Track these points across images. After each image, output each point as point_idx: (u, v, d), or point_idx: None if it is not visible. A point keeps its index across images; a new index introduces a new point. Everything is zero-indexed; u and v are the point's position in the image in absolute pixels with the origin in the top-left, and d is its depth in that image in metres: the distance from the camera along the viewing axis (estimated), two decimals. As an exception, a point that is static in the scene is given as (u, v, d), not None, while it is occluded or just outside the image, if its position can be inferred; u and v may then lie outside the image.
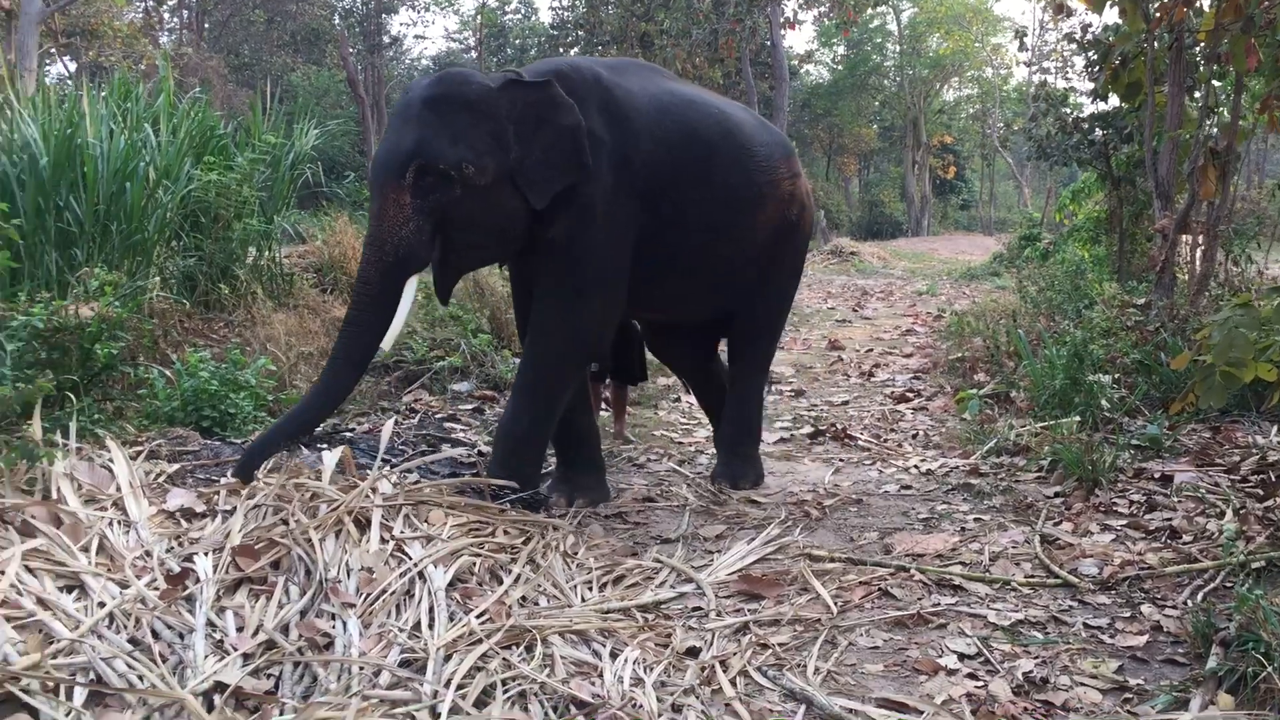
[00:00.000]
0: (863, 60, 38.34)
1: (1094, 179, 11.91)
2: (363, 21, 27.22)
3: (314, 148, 8.27)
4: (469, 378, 6.17)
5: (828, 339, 9.68)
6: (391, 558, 3.09)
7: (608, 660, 2.68)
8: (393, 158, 3.59)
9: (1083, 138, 11.01)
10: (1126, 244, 9.93)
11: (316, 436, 4.68)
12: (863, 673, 2.73)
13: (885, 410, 6.37)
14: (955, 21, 36.26)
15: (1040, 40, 30.86)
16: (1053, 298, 8.61)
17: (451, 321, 6.69)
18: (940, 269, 20.67)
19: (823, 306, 13.11)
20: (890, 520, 4.09)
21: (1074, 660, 2.74)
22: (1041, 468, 4.59)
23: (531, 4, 28.80)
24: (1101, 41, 9.24)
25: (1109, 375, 5.50)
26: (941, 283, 16.63)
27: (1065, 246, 12.72)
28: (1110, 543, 3.61)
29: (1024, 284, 9.79)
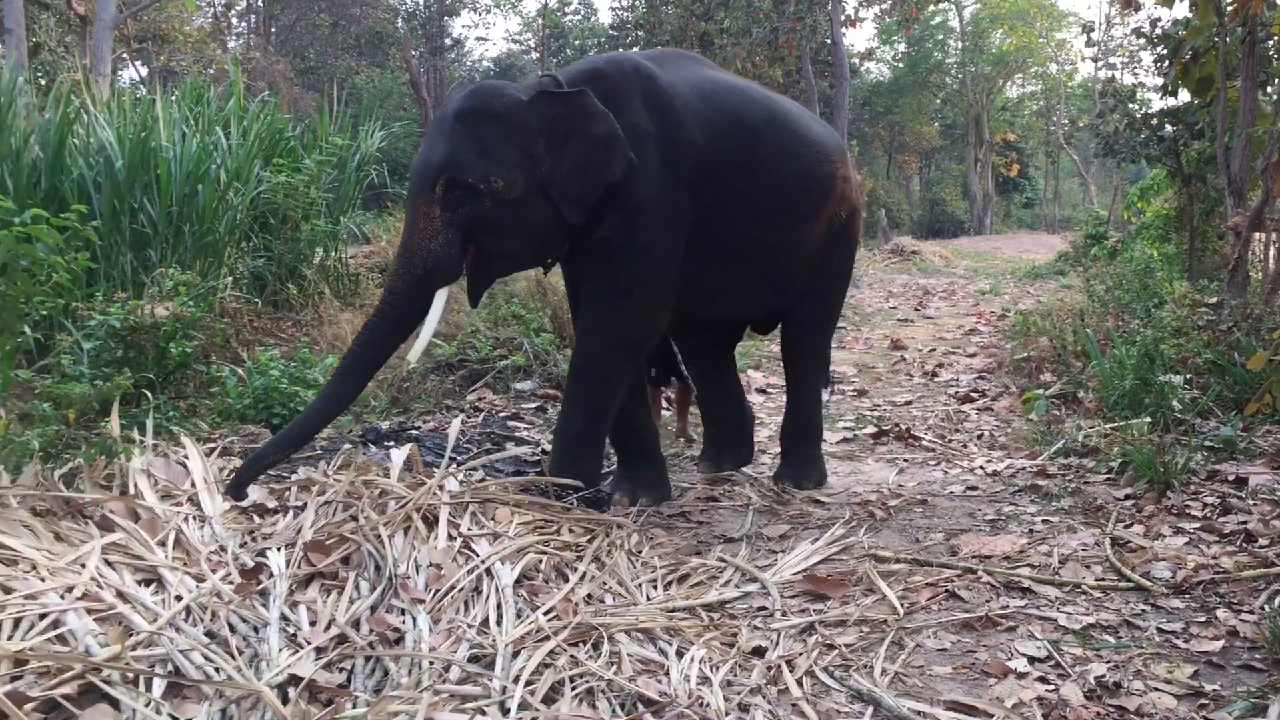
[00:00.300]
0: (924, 57, 37.99)
1: (1163, 176, 11.71)
2: (425, 24, 27.51)
3: (378, 149, 8.40)
4: (532, 376, 6.22)
5: (890, 338, 9.61)
6: (459, 554, 3.13)
7: (674, 659, 2.69)
8: (424, 171, 3.59)
9: (1151, 134, 10.84)
10: (1197, 242, 9.76)
11: (383, 435, 4.76)
12: (930, 675, 2.71)
13: (949, 410, 6.31)
14: (1019, 17, 35.83)
15: (1107, 35, 30.36)
16: (1121, 297, 8.48)
17: (514, 321, 6.75)
18: (1003, 268, 20.44)
19: (884, 306, 13.02)
20: (956, 521, 4.05)
21: (1147, 665, 2.70)
22: (1111, 469, 4.52)
23: (591, 5, 28.90)
24: (1171, 36, 9.09)
25: (1180, 376, 5.40)
26: (1005, 282, 16.44)
27: (1133, 244, 12.52)
28: (1183, 546, 3.55)
29: (1091, 283, 9.66)
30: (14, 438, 3.28)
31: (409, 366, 6.05)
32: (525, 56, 31.44)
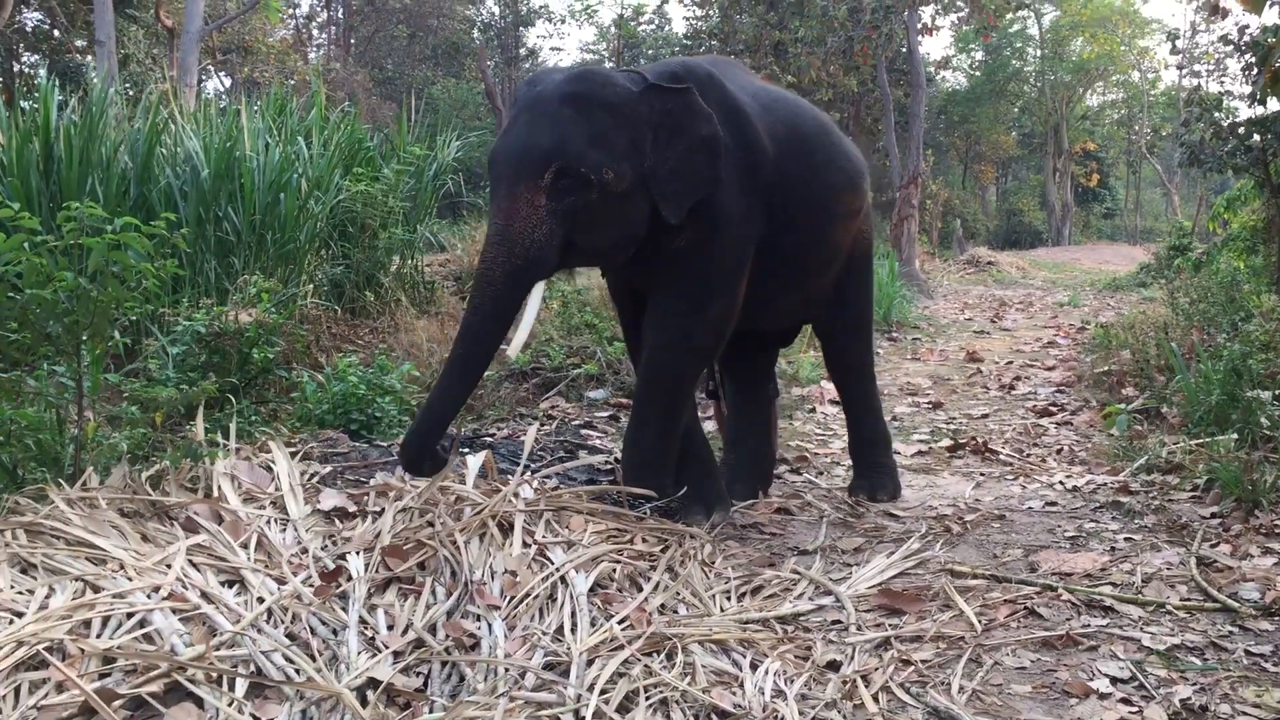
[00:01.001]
0: (1002, 65, 37.47)
1: (1250, 186, 11.40)
2: (500, 35, 27.78)
3: (455, 159, 8.50)
4: (604, 385, 6.24)
5: (965, 350, 9.49)
6: (534, 562, 3.15)
7: (748, 670, 2.68)
8: (529, 155, 3.41)
9: (1239, 143, 10.55)
10: (1287, 254, 9.48)
11: (459, 441, 4.80)
12: (1009, 693, 2.66)
13: (1027, 424, 6.22)
14: (1100, 24, 35.19)
15: (1192, 43, 29.71)
16: (1206, 310, 8.27)
17: (587, 329, 6.78)
18: (1083, 279, 20.09)
19: (959, 317, 12.86)
20: (1035, 537, 3.98)
21: (1235, 688, 2.62)
22: (1196, 487, 4.41)
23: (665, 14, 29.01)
24: (1260, 43, 8.85)
25: (1269, 391, 5.25)
26: (1084, 294, 16.15)
27: (1219, 256, 12.21)
28: (1272, 566, 3.45)
29: (1175, 295, 9.43)
30: (103, 440, 3.37)
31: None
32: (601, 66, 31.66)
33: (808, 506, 4.41)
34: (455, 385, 3.50)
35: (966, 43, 36.26)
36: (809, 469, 5.13)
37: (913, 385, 7.63)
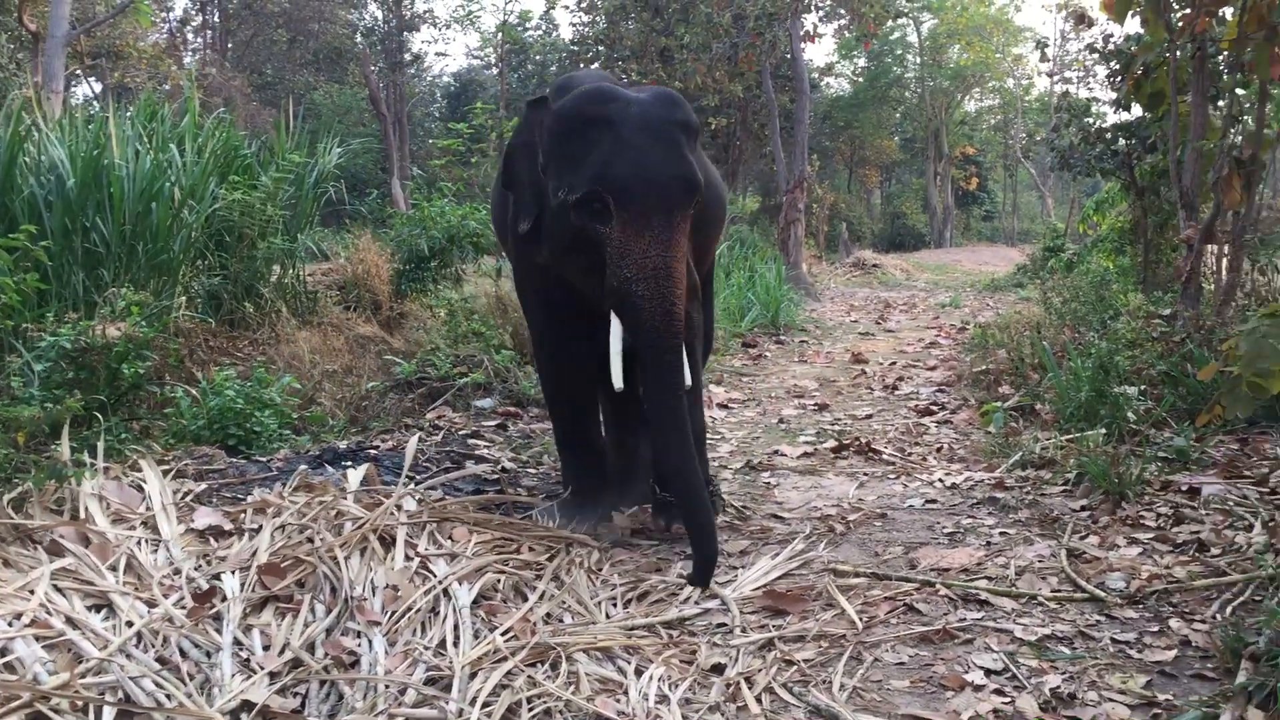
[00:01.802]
0: (883, 72, 38.30)
1: (1117, 189, 11.84)
2: (384, 40, 27.41)
3: (337, 165, 8.35)
4: (492, 394, 6.19)
5: (851, 352, 9.65)
6: (416, 575, 3.11)
7: (632, 677, 2.68)
8: (682, 184, 3.41)
9: (1106, 148, 10.95)
10: (1151, 254, 9.87)
11: (340, 454, 4.72)
12: (888, 689, 2.72)
13: (909, 423, 6.35)
14: (976, 32, 36.23)
15: (1062, 50, 30.78)
16: (1077, 309, 8.56)
17: (474, 338, 6.72)
18: (963, 280, 20.62)
19: (845, 319, 13.09)
20: (915, 534, 4.07)
21: (1102, 675, 2.72)
22: (1067, 481, 4.55)
23: (552, 20, 28.95)
24: (1124, 51, 9.19)
25: (1135, 387, 5.46)
26: (965, 294, 16.58)
27: (1089, 257, 12.67)
28: (1137, 556, 3.58)
29: (1048, 295, 9.74)
30: (-39, 462, 3.22)
31: (368, 385, 6.02)
32: (486, 72, 31.43)
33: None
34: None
35: (849, 50, 36.95)
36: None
37: (799, 387, 7.74)
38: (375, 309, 7.51)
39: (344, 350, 6.47)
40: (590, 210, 3.40)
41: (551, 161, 3.56)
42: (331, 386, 5.92)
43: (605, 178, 3.37)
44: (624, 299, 3.39)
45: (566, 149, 3.51)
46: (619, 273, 3.37)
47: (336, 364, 6.22)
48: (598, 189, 3.37)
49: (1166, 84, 6.98)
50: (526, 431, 5.73)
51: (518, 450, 5.27)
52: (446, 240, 7.77)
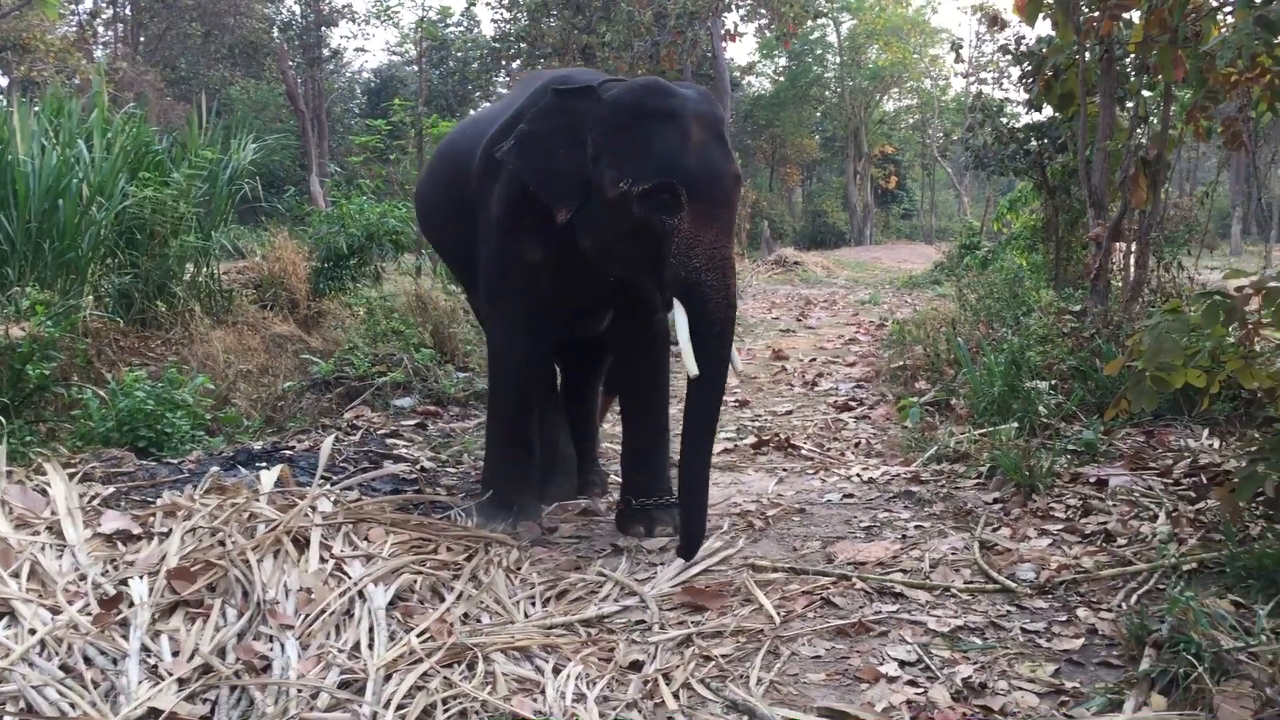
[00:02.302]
0: (804, 71, 38.65)
1: (1030, 188, 12.08)
2: (302, 34, 26.95)
3: (253, 162, 8.21)
4: (411, 393, 6.13)
5: (772, 349, 9.72)
6: (331, 577, 3.07)
7: (550, 676, 2.67)
8: (735, 178, 3.60)
9: (1018, 147, 11.16)
10: (1063, 252, 10.08)
11: (255, 455, 4.64)
12: (805, 682, 2.74)
13: (828, 419, 6.42)
14: (893, 33, 36.72)
15: (977, 51, 31.33)
16: (991, 305, 8.71)
17: (394, 336, 6.65)
18: (883, 278, 20.88)
19: (767, 317, 13.19)
20: (833, 529, 4.12)
21: (1012, 665, 2.77)
22: (981, 474, 4.63)
23: (474, 16, 28.71)
24: (1035, 53, 9.38)
25: (1046, 382, 5.58)
26: (884, 291, 16.79)
27: (1003, 255, 12.90)
28: (1047, 547, 3.66)
29: (963, 292, 9.91)
30: None
31: (284, 385, 5.93)
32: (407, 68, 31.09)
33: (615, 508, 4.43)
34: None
35: (770, 49, 37.23)
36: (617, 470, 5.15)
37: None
38: (292, 308, 7.40)
39: (260, 350, 6.36)
40: (658, 201, 3.46)
41: (608, 152, 3.55)
42: (247, 386, 5.82)
43: (678, 169, 3.45)
44: (692, 288, 3.50)
45: (628, 140, 3.53)
46: (688, 263, 3.47)
47: (252, 364, 6.11)
48: (670, 180, 3.43)
49: (1076, 85, 7.13)
50: (446, 430, 5.68)
51: (437, 449, 5.23)
52: (365, 238, 7.67)
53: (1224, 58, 3.95)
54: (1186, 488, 4.11)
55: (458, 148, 4.28)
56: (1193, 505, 3.88)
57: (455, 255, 4.48)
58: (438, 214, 4.46)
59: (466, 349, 7.00)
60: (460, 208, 4.12)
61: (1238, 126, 5.59)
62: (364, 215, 7.70)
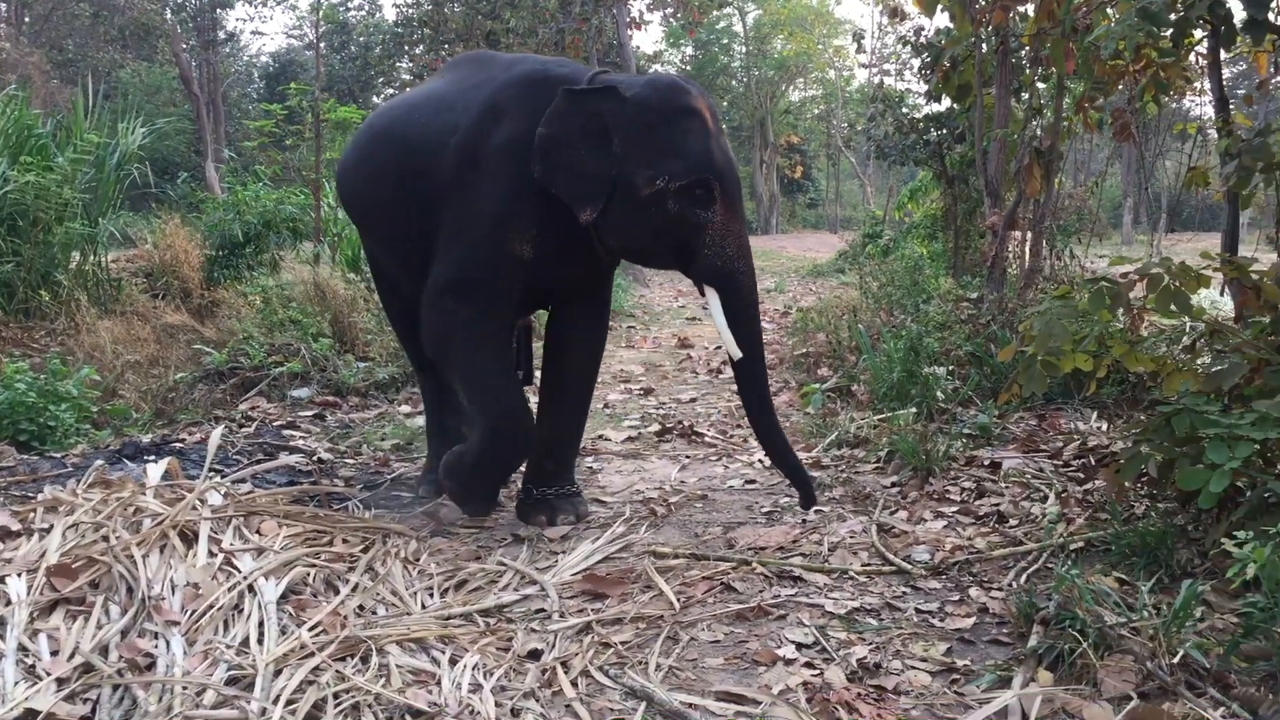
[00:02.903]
0: (710, 61, 38.85)
1: (930, 178, 12.28)
2: (196, 16, 26.24)
3: (144, 147, 7.96)
4: (309, 383, 6.01)
5: (677, 337, 9.76)
6: (220, 572, 2.98)
7: (446, 667, 2.63)
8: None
9: (919, 138, 11.33)
10: (961, 240, 10.27)
11: (143, 448, 4.50)
12: (703, 667, 2.75)
13: (732, 406, 6.45)
14: (798, 24, 37.06)
15: (879, 43, 31.80)
16: (892, 293, 8.83)
17: (291, 326, 6.50)
18: (788, 266, 21.09)
19: (673, 305, 13.23)
20: (734, 515, 4.14)
21: (905, 644, 2.81)
22: (880, 458, 4.70)
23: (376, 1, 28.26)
24: (933, 45, 9.53)
25: (944, 367, 5.68)
26: (789, 280, 16.98)
27: (904, 243, 13.10)
28: (942, 529, 3.73)
29: (865, 280, 10.04)
30: None
31: (176, 376, 5.76)
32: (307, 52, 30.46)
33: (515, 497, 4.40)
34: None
35: (676, 38, 37.32)
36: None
37: (626, 373, 7.77)
38: (185, 297, 7.20)
39: (150, 340, 6.17)
40: (693, 197, 3.57)
41: (638, 150, 3.59)
42: (136, 378, 5.64)
43: (711, 165, 3.59)
44: (728, 277, 3.70)
45: (658, 138, 3.58)
46: (723, 253, 3.66)
47: (142, 355, 5.93)
48: (706, 176, 3.57)
49: (973, 77, 7.26)
50: (345, 421, 5.58)
51: (335, 440, 5.13)
52: (262, 225, 7.50)
53: (1108, 49, 4.05)
54: (1076, 469, 4.22)
55: (408, 133, 4.00)
56: (1081, 486, 3.98)
57: (397, 243, 4.19)
58: (375, 200, 4.15)
59: (367, 338, 6.87)
60: (415, 196, 3.89)
61: (1126, 118, 5.74)
62: (260, 202, 7.52)
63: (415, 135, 3.95)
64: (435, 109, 3.97)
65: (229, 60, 29.79)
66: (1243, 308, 3.65)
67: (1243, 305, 3.62)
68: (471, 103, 3.87)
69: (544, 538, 3.84)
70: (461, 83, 4.04)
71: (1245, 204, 4.86)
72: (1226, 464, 2.86)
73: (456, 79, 4.11)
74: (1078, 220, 9.08)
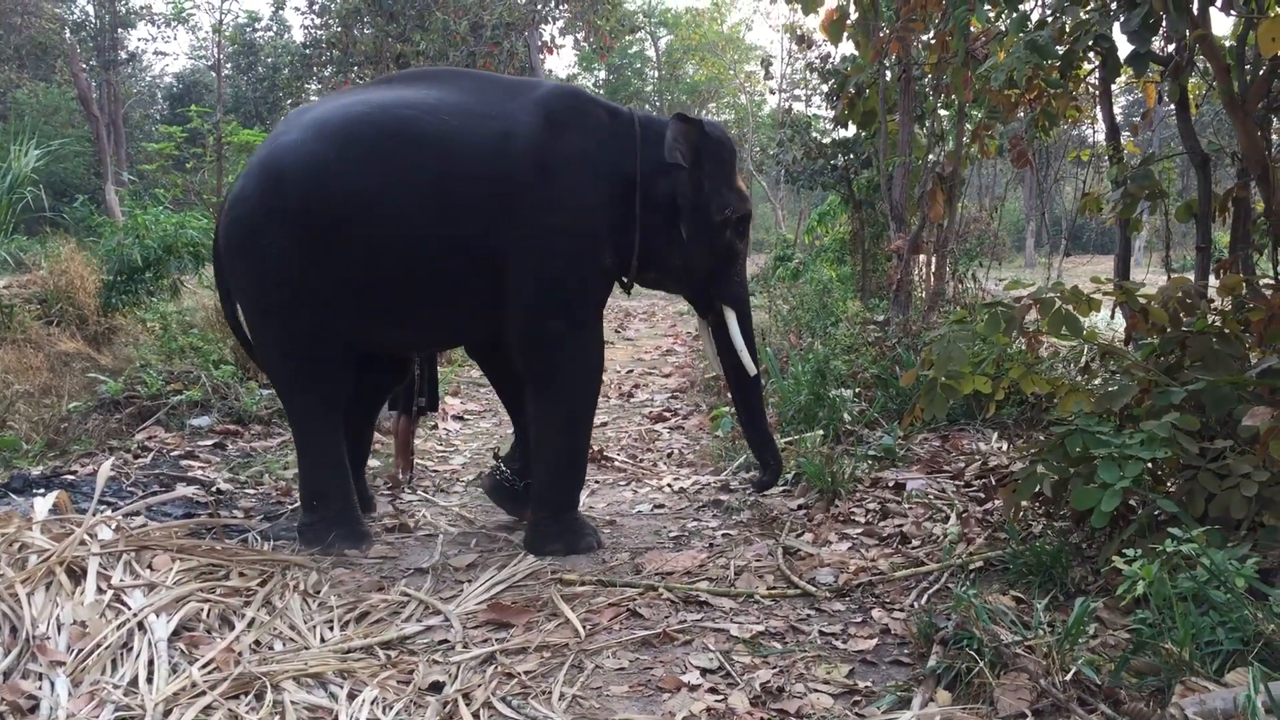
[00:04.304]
0: (624, 85, 39.01)
1: (838, 202, 12.48)
2: (96, 36, 25.59)
3: (39, 169, 7.74)
4: (210, 412, 5.86)
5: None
6: (109, 609, 2.89)
7: (344, 703, 2.58)
8: None
9: (826, 162, 11.53)
10: (868, 264, 10.46)
11: (32, 481, 4.35)
12: (607, 695, 2.73)
13: (642, 430, 6.46)
14: (709, 49, 37.44)
15: (789, 69, 32.26)
16: (802, 316, 8.93)
17: (191, 353, 6.34)
18: (701, 289, 21.17)
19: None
20: (642, 540, 4.13)
21: (809, 667, 2.82)
22: (787, 481, 4.73)
23: (284, 21, 27.84)
24: (839, 71, 9.70)
25: (850, 390, 5.75)
26: (701, 302, 17.02)
27: (814, 266, 13.27)
28: (847, 551, 3.76)
29: (775, 303, 10.15)
30: None
31: (69, 405, 5.59)
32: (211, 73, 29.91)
33: (425, 524, 4.34)
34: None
35: (589, 62, 37.44)
36: (427, 486, 5.05)
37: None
38: (80, 324, 6.99)
39: (43, 368, 5.98)
40: (741, 229, 4.13)
41: (715, 182, 3.97)
42: (27, 408, 5.45)
43: (749, 201, 4.18)
44: (744, 301, 4.25)
45: (726, 171, 4.02)
46: (743, 279, 4.25)
47: (33, 383, 5.74)
48: (749, 210, 4.17)
49: (877, 104, 7.41)
50: (247, 450, 5.46)
51: (236, 470, 5.01)
52: (162, 250, 7.31)
53: (997, 79, 4.15)
54: (977, 489, 4.30)
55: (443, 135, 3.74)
56: (981, 506, 4.05)
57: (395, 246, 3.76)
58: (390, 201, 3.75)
59: (271, 365, 6.73)
60: (458, 200, 3.73)
61: (1023, 145, 5.89)
62: (160, 225, 7.33)
63: (457, 139, 3.75)
64: (466, 114, 3.80)
65: (131, 81, 29.11)
66: (1132, 330, 3.75)
67: (1132, 328, 3.72)
68: (518, 112, 3.80)
69: (450, 566, 3.79)
70: (478, 92, 3.92)
71: (1135, 229, 5.01)
72: (1117, 483, 2.93)
73: (459, 88, 3.94)
74: (980, 244, 9.28)
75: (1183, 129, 4.48)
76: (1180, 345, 3.40)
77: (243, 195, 3.85)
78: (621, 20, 18.73)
